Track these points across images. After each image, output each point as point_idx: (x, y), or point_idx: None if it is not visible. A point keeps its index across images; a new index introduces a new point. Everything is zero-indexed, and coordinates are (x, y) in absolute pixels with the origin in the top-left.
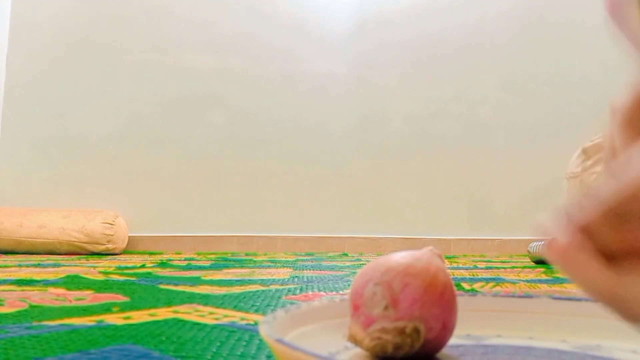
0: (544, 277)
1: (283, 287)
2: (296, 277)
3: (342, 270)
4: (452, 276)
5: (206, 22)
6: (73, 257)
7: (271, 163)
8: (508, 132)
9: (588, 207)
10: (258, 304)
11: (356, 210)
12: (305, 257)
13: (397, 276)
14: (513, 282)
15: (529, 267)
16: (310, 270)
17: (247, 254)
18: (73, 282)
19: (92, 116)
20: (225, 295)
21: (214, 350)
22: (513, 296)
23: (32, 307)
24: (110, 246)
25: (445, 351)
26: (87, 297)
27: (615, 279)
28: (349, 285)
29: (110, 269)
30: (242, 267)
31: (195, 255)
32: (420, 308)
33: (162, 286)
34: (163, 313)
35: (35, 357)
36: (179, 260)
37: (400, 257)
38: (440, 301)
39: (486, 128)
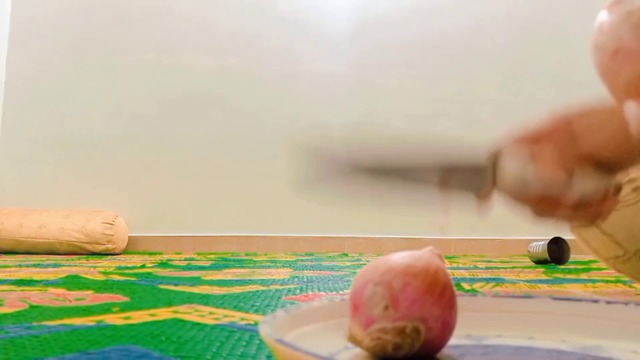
0: (544, 277)
1: (283, 287)
2: (296, 277)
3: (342, 270)
4: (452, 276)
5: (206, 22)
6: (73, 257)
7: (271, 163)
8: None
9: None
10: (258, 304)
11: (356, 210)
12: (305, 257)
13: (397, 276)
14: (513, 282)
15: (529, 267)
16: (310, 270)
17: (247, 254)
18: (73, 282)
19: (92, 116)
20: (225, 295)
21: (214, 350)
22: (513, 296)
23: (32, 307)
24: (110, 246)
25: (445, 351)
26: (87, 297)
27: None
28: (349, 285)
29: (110, 269)
30: (242, 267)
31: (195, 255)
32: (420, 308)
33: (162, 286)
34: (163, 313)
35: (35, 357)
36: (179, 260)
37: (400, 257)
38: (440, 301)
39: (486, 128)
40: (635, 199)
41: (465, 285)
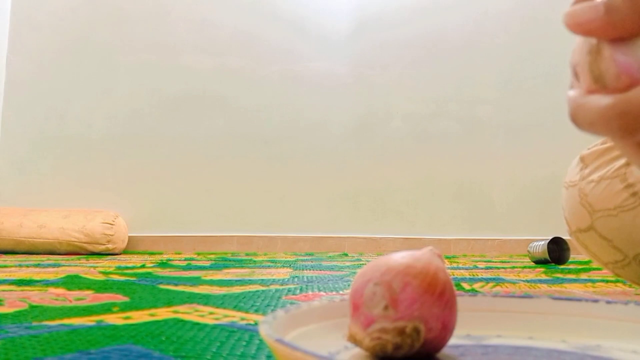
0: (544, 277)
1: (283, 287)
2: (296, 277)
3: (342, 270)
4: (452, 276)
5: (206, 22)
6: (73, 257)
7: (271, 163)
8: (508, 131)
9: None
10: (258, 304)
11: (356, 210)
12: (305, 257)
13: (397, 276)
14: (513, 282)
15: (529, 267)
16: (310, 270)
17: (247, 254)
18: (73, 282)
19: (92, 116)
20: (225, 295)
21: (214, 350)
22: (513, 296)
23: (32, 307)
24: (110, 246)
25: (445, 351)
26: (87, 297)
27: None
28: (349, 285)
29: (110, 269)
30: (242, 267)
31: (195, 255)
32: (420, 308)
33: (162, 286)
34: (163, 313)
35: (35, 357)
36: (179, 260)
37: (400, 257)
38: (440, 301)
39: (486, 127)
40: (634, 204)
41: (465, 285)
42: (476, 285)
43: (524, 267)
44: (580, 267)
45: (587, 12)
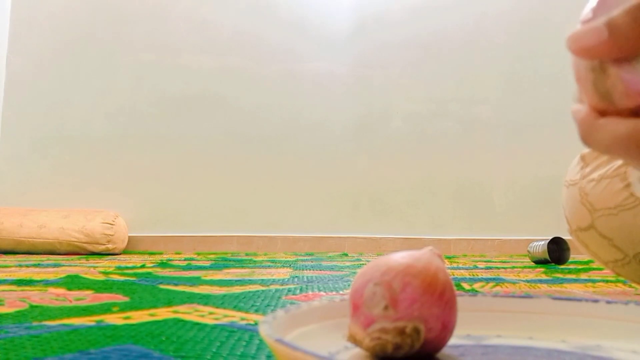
0: (544, 277)
1: (283, 287)
2: (296, 277)
3: (342, 270)
4: (452, 276)
5: (206, 22)
6: (73, 257)
7: (271, 163)
8: (508, 131)
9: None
10: (258, 304)
11: (356, 210)
12: (305, 257)
13: (397, 276)
14: (513, 282)
15: (529, 267)
16: (310, 270)
17: (247, 254)
18: (73, 282)
19: (92, 116)
20: (225, 295)
21: (214, 350)
22: (513, 296)
23: (32, 307)
24: (110, 246)
25: (445, 351)
26: (87, 297)
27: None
28: (349, 285)
29: (110, 269)
30: (242, 267)
31: (195, 255)
32: (420, 308)
33: (162, 286)
34: (163, 313)
35: (35, 357)
36: (179, 260)
37: (400, 257)
38: (440, 301)
39: (486, 127)
40: (634, 203)
41: (465, 285)
42: (476, 285)
43: (524, 267)
44: (580, 267)
45: (591, 36)
